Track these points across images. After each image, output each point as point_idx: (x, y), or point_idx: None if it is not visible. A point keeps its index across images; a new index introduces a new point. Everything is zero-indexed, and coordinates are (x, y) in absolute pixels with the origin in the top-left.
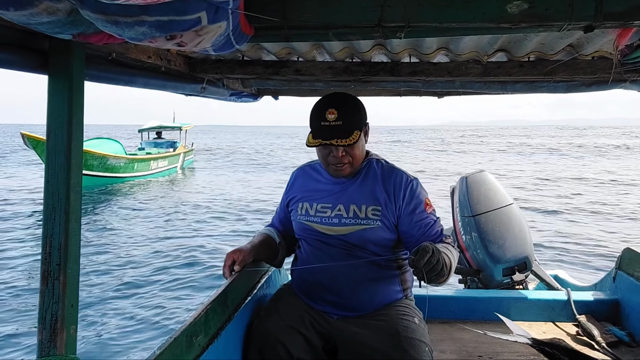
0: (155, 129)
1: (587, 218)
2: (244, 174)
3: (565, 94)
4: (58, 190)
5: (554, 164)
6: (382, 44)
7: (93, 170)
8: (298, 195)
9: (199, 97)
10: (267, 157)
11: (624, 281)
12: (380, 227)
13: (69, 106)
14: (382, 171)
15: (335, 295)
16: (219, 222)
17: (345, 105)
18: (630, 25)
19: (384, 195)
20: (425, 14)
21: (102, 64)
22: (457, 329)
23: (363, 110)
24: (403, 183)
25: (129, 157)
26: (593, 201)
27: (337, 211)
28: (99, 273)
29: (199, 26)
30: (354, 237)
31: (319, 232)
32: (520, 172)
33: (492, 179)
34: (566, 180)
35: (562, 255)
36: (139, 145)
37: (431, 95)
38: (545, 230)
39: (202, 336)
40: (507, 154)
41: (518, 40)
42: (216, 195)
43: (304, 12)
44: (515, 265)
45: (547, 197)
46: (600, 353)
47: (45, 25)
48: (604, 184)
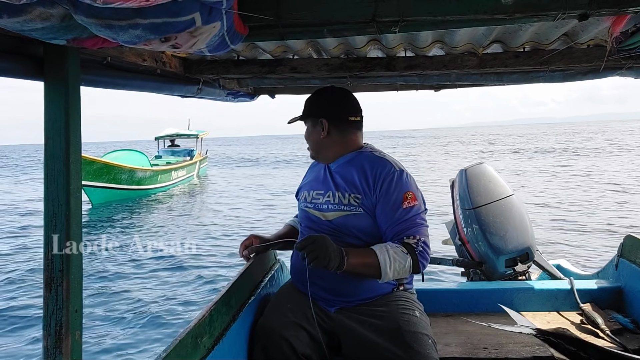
0: (172, 137)
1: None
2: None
3: (562, 83)
4: (58, 196)
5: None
6: (377, 39)
7: (122, 184)
8: (304, 186)
9: (196, 98)
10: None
11: (626, 268)
12: (361, 214)
13: (65, 112)
14: (370, 160)
15: (325, 280)
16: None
17: (318, 95)
18: (624, 12)
19: (364, 184)
20: (419, 8)
21: (98, 68)
22: (461, 321)
23: (331, 105)
24: (384, 173)
25: (154, 169)
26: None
27: (327, 197)
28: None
29: (193, 27)
30: (338, 222)
31: (313, 217)
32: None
33: (492, 171)
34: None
35: (564, 245)
36: (156, 153)
37: (427, 89)
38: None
39: (207, 337)
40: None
41: (513, 31)
42: (241, 199)
43: (298, 10)
44: (517, 256)
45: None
46: (605, 341)
47: (39, 32)
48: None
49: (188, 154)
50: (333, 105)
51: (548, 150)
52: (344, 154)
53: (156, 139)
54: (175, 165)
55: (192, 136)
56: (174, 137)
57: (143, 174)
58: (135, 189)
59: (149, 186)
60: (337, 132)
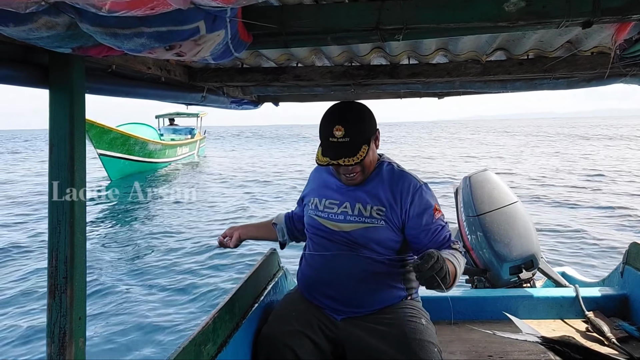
0: (172, 115)
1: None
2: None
3: (566, 90)
4: (62, 203)
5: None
6: (381, 47)
7: (134, 155)
8: (312, 191)
9: (200, 105)
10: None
11: (632, 276)
12: (384, 227)
13: (70, 119)
14: (392, 175)
15: (336, 290)
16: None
17: (352, 120)
18: (628, 19)
19: (389, 198)
20: (422, 16)
21: (102, 76)
22: (465, 329)
23: (370, 120)
24: (411, 188)
25: (163, 143)
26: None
27: (344, 208)
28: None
29: (197, 35)
30: (357, 234)
31: (324, 227)
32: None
33: (496, 178)
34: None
35: (570, 252)
36: (158, 130)
37: (431, 96)
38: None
39: (211, 345)
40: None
41: (517, 38)
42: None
43: (302, 18)
44: (521, 263)
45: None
46: (611, 349)
47: (44, 40)
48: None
49: (189, 132)
50: (370, 121)
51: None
52: None
53: (157, 117)
54: (180, 142)
55: (193, 115)
56: (174, 116)
57: (154, 147)
58: (147, 161)
59: (158, 160)
60: (376, 145)
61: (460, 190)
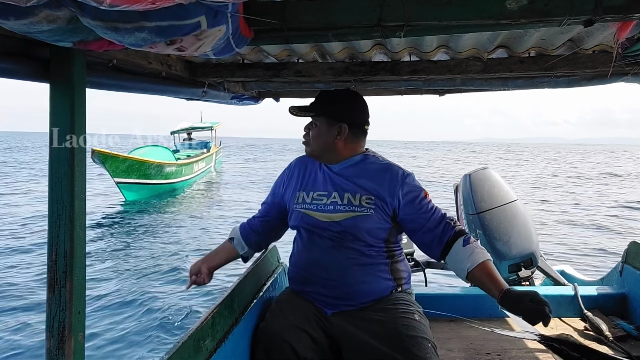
0: (187, 130)
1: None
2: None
3: (567, 88)
4: (62, 198)
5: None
6: (382, 44)
7: (151, 178)
8: (296, 185)
9: (200, 101)
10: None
11: (630, 275)
12: (373, 216)
13: (71, 113)
14: (378, 166)
15: (323, 283)
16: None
17: (335, 96)
18: (630, 18)
19: (377, 188)
20: (424, 13)
21: (103, 70)
22: (464, 327)
23: (349, 109)
24: (399, 176)
25: (179, 163)
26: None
27: (333, 198)
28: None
29: (198, 30)
30: (347, 223)
31: (314, 220)
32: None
33: (496, 176)
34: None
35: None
36: (174, 147)
37: (432, 93)
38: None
39: (210, 340)
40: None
41: (518, 36)
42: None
43: (303, 14)
44: (521, 261)
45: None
46: (609, 347)
47: (45, 34)
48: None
49: (204, 146)
50: (357, 112)
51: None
52: (348, 157)
53: (172, 133)
54: (195, 158)
55: (207, 128)
56: (190, 131)
57: (170, 169)
58: (164, 183)
59: (175, 180)
60: (352, 138)
61: (460, 187)
